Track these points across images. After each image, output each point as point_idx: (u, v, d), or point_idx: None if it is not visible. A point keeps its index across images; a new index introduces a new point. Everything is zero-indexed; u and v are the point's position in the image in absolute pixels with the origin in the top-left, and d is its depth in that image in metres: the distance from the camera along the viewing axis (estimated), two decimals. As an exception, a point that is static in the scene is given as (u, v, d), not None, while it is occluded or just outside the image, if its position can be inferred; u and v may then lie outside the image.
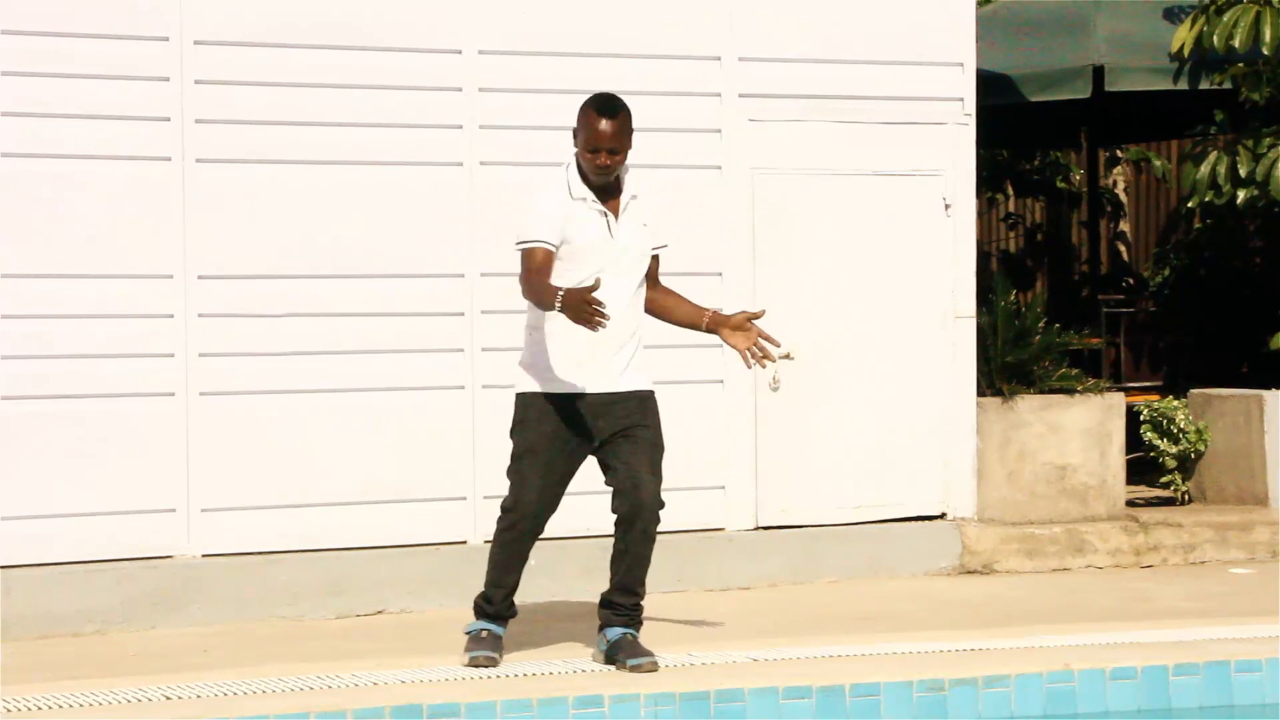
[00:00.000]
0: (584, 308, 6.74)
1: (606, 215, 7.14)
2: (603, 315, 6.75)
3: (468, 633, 7.34)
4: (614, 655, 7.19)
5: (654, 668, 7.10)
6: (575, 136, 7.16)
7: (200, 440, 8.56)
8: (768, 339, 7.22)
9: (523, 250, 7.07)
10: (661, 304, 7.38)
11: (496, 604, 7.31)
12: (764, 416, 9.49)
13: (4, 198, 8.28)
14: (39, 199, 8.34)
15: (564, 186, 7.16)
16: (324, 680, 6.94)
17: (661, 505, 7.23)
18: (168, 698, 6.68)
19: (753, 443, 9.48)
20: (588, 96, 7.21)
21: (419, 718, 6.46)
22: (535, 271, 7.01)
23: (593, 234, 7.11)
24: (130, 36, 8.44)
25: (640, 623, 7.31)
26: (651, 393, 7.28)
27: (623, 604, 7.26)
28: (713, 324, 7.32)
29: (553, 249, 7.05)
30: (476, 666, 7.17)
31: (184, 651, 7.80)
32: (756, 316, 7.25)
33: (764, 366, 7.33)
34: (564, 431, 7.16)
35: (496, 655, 7.24)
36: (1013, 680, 7.01)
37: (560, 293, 6.82)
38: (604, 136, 7.07)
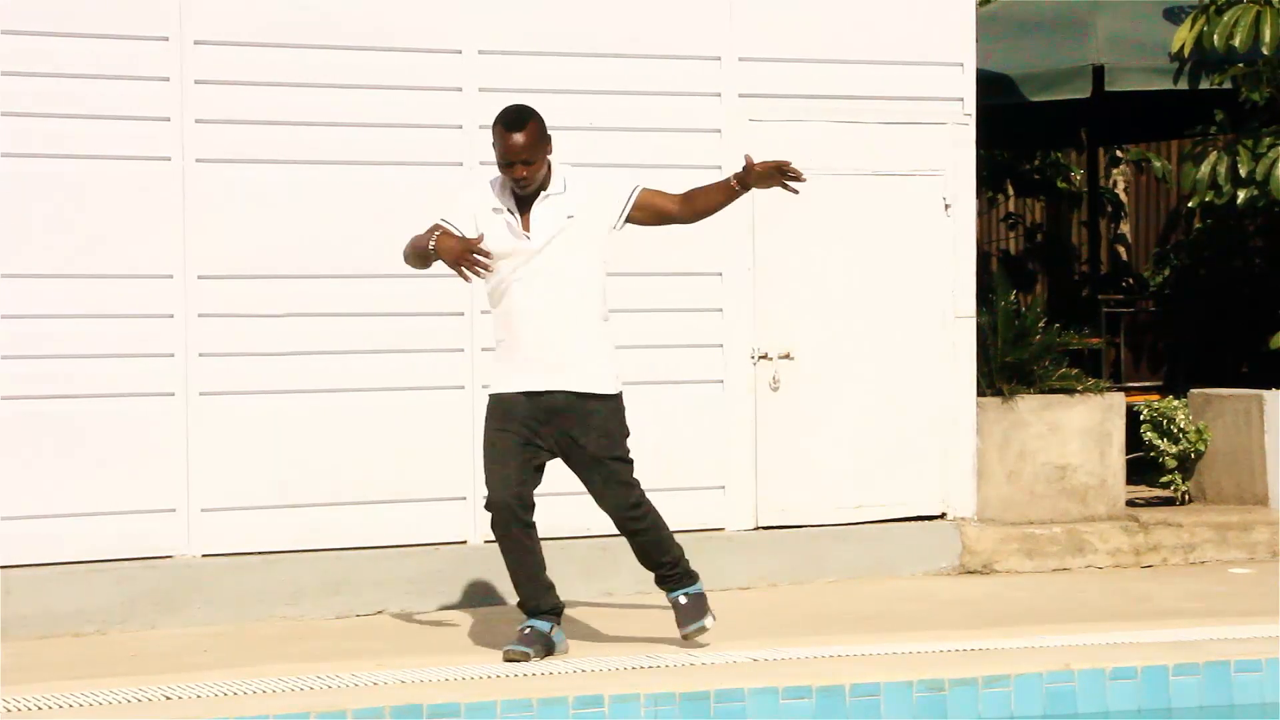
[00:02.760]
0: (459, 252, 7.05)
1: (516, 220, 7.20)
2: (483, 264, 7.03)
3: (517, 630, 7.42)
4: (677, 620, 7.50)
5: (701, 631, 7.42)
6: (494, 149, 7.24)
7: (200, 440, 8.56)
8: (785, 166, 7.24)
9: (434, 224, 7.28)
10: (693, 207, 7.40)
11: (529, 601, 7.40)
12: (764, 416, 9.49)
13: (4, 198, 8.29)
14: (39, 199, 8.34)
15: (485, 199, 7.29)
16: (324, 680, 6.94)
17: (634, 504, 7.36)
18: (168, 698, 6.68)
19: (752, 442, 9.48)
20: (499, 111, 7.26)
21: (419, 718, 6.46)
22: (415, 236, 7.31)
23: (506, 241, 7.20)
24: (130, 36, 8.44)
25: (687, 577, 7.51)
26: (602, 396, 7.30)
27: (659, 573, 7.51)
28: (742, 184, 7.31)
29: (452, 230, 7.21)
30: (509, 661, 7.23)
31: (184, 651, 7.80)
32: (754, 166, 7.25)
33: (803, 179, 7.26)
34: (512, 424, 7.28)
35: (530, 650, 7.27)
36: (1013, 680, 7.01)
37: (435, 235, 7.13)
38: (514, 150, 7.14)
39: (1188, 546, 10.13)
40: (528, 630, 7.35)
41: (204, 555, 8.59)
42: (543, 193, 7.21)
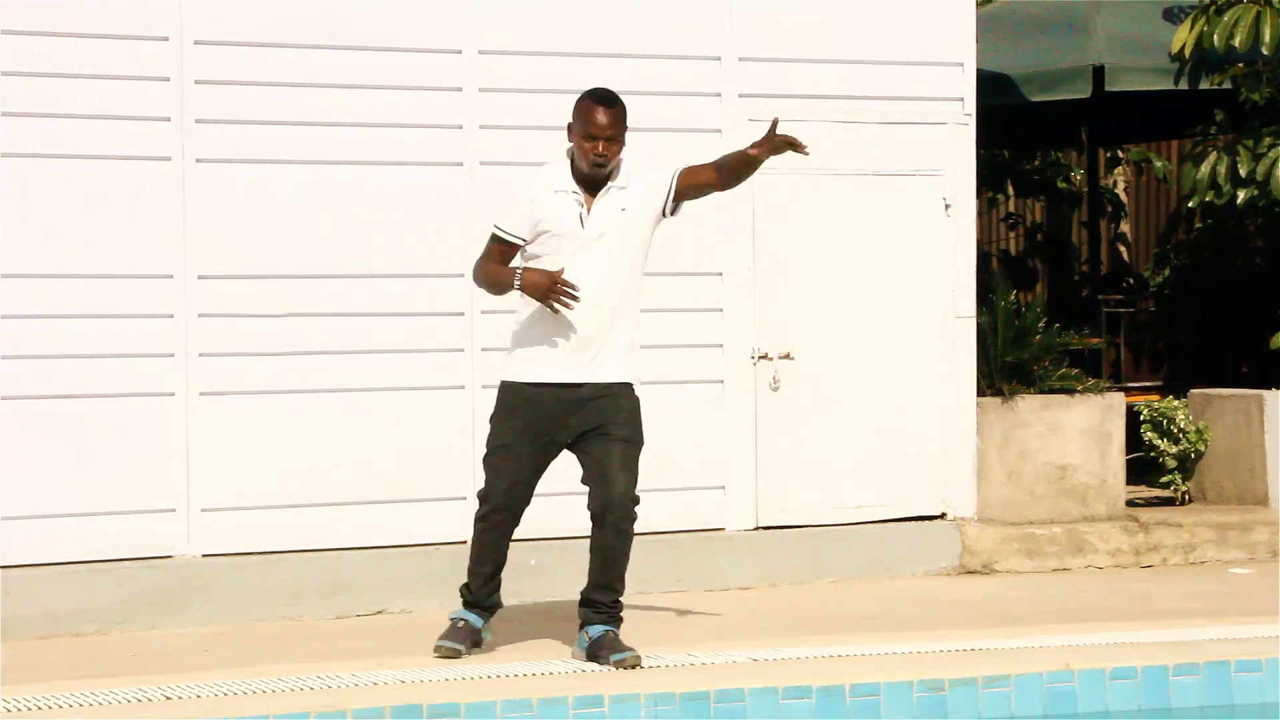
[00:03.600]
0: (548, 286, 7.03)
1: (581, 206, 7.20)
2: (570, 295, 7.01)
3: (450, 619, 7.43)
4: (596, 652, 7.23)
5: (637, 662, 7.13)
6: (570, 131, 7.23)
7: (200, 440, 8.56)
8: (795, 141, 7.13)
9: (491, 235, 7.33)
10: (724, 176, 7.30)
11: (474, 591, 7.42)
12: (764, 416, 9.49)
13: (4, 198, 8.28)
14: (39, 199, 8.34)
15: (550, 180, 7.25)
16: (324, 680, 6.94)
17: (635, 501, 7.29)
18: (168, 698, 6.68)
19: (753, 443, 9.47)
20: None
21: (419, 718, 6.47)
22: (486, 258, 7.34)
23: (564, 224, 7.19)
24: (130, 36, 8.44)
25: (620, 620, 7.36)
26: (628, 386, 7.32)
27: (601, 601, 7.32)
28: (760, 151, 7.16)
29: (515, 243, 7.26)
30: (439, 656, 7.26)
31: (184, 651, 7.80)
32: (775, 136, 7.12)
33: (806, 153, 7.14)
34: (535, 425, 7.24)
35: (461, 647, 7.30)
36: (1013, 680, 7.01)
37: (518, 272, 7.12)
38: (601, 126, 7.14)
39: (1188, 546, 10.13)
40: (462, 624, 7.37)
41: (204, 555, 8.59)
42: (609, 184, 7.21)
